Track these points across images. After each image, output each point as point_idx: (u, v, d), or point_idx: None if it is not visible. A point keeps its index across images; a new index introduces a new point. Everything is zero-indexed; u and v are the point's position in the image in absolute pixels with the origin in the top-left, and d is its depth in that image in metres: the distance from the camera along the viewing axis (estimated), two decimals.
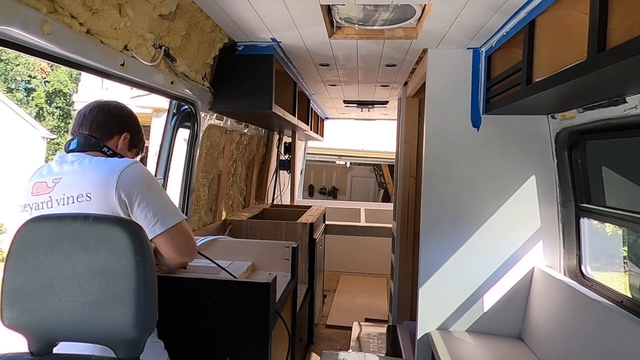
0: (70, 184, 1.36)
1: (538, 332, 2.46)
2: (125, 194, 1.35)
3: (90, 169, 1.38)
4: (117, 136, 1.55)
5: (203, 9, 2.09)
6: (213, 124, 2.84)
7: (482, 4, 1.96)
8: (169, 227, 1.41)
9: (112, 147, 1.54)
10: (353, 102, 5.05)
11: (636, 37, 1.20)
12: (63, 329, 0.95)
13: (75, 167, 1.40)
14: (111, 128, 1.54)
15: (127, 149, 1.59)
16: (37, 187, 1.41)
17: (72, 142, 1.49)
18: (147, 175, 1.45)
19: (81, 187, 1.35)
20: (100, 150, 1.50)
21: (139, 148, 1.65)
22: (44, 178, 1.42)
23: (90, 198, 1.33)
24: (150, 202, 1.39)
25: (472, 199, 2.69)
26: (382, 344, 3.75)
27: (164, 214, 1.41)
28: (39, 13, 1.23)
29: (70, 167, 1.40)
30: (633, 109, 1.79)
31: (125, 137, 1.57)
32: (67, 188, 1.36)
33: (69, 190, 1.35)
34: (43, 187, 1.39)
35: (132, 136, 1.59)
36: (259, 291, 1.79)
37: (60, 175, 1.39)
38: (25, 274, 0.95)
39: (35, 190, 1.40)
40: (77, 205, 1.33)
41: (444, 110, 2.73)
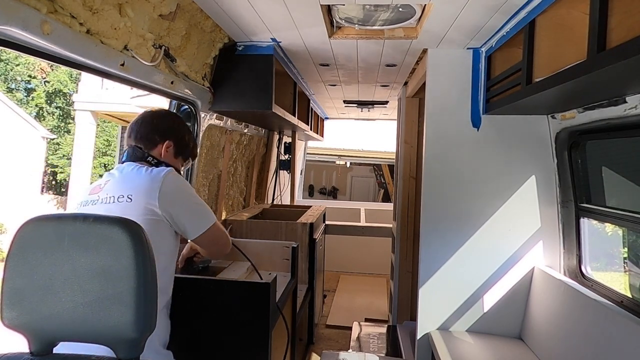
0: (114, 186, 1.53)
1: (538, 332, 2.46)
2: (168, 202, 1.50)
3: (134, 175, 1.54)
4: (160, 145, 1.66)
5: (203, 9, 2.09)
6: (213, 124, 2.84)
7: (482, 4, 1.96)
8: (207, 229, 1.60)
9: (157, 156, 1.65)
10: (353, 102, 5.05)
11: (636, 37, 1.20)
12: (63, 329, 0.95)
13: (122, 173, 1.57)
14: (153, 138, 1.66)
15: (173, 156, 1.70)
16: (94, 188, 1.58)
17: (124, 155, 1.65)
18: (184, 184, 1.62)
19: (123, 189, 1.50)
20: (145, 160, 1.62)
21: (185, 155, 1.77)
22: (100, 181, 1.60)
23: (131, 200, 1.48)
24: (190, 208, 1.59)
25: (472, 198, 2.69)
26: (382, 344, 3.75)
27: (202, 217, 1.61)
28: (39, 13, 1.22)
29: (119, 173, 1.58)
30: (633, 109, 1.79)
31: (168, 145, 1.67)
32: (111, 189, 1.52)
33: (112, 191, 1.51)
34: (97, 189, 1.57)
35: (175, 144, 1.69)
36: (259, 291, 1.79)
37: (110, 179, 1.57)
38: (25, 274, 0.95)
39: (91, 191, 1.57)
40: (117, 205, 1.47)
41: (444, 110, 2.73)
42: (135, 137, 1.66)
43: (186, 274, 1.95)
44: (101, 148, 17.01)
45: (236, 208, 3.97)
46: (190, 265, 2.01)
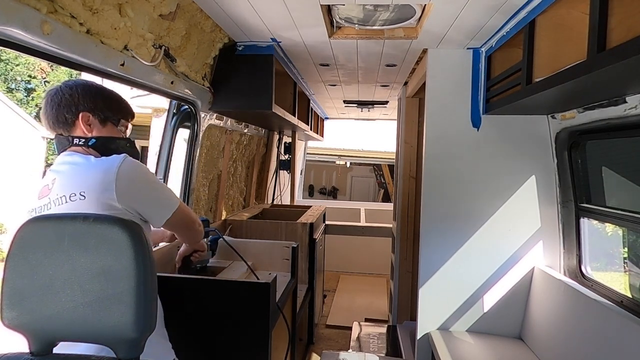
0: (63, 184, 1.34)
1: (538, 332, 2.46)
2: (128, 194, 1.33)
3: (83, 168, 1.35)
4: (77, 122, 1.41)
5: (203, 9, 2.09)
6: (213, 124, 2.84)
7: (482, 4, 1.96)
8: (172, 213, 1.48)
9: (81, 134, 1.41)
10: (353, 102, 5.05)
11: (636, 37, 1.20)
12: (63, 329, 0.95)
13: (67, 167, 1.37)
14: (64, 118, 1.40)
15: (101, 126, 1.44)
16: (42, 190, 1.38)
17: (55, 147, 1.47)
18: (140, 170, 1.41)
19: (73, 186, 1.31)
20: (72, 144, 1.41)
21: (116, 116, 1.48)
22: (46, 180, 1.39)
23: (84, 197, 1.30)
24: (151, 196, 1.45)
25: (472, 198, 2.69)
26: (382, 344, 3.75)
27: (165, 203, 1.49)
28: (39, 13, 1.23)
29: (63, 167, 1.38)
30: (633, 109, 1.79)
31: (84, 118, 1.41)
32: (60, 188, 1.33)
33: (62, 190, 1.32)
34: (45, 190, 1.37)
35: (92, 112, 1.42)
36: (259, 291, 1.79)
37: (55, 176, 1.37)
38: (25, 274, 0.95)
39: (40, 194, 1.37)
40: (71, 205, 1.30)
41: (444, 110, 2.73)
42: (51, 126, 1.42)
43: (185, 274, 1.94)
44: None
45: (236, 208, 3.97)
46: (187, 265, 2.00)
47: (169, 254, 2.21)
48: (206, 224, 2.13)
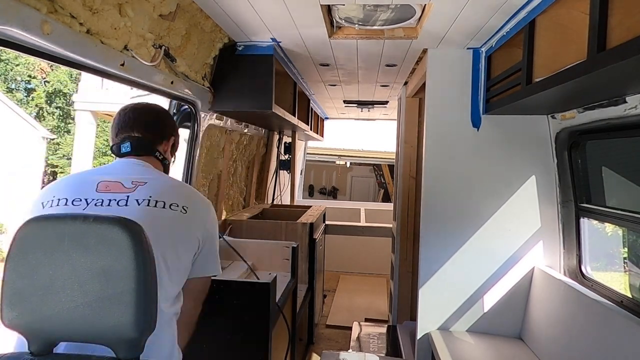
0: (159, 191, 1.33)
1: (538, 332, 2.46)
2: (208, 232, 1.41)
3: (180, 186, 1.48)
4: (167, 140, 1.54)
5: (203, 9, 2.09)
6: (213, 124, 2.84)
7: (482, 4, 1.96)
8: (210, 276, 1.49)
9: (162, 151, 1.52)
10: (353, 102, 5.05)
11: (636, 37, 1.20)
12: (63, 329, 0.95)
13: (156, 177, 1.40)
14: (165, 132, 1.53)
15: (170, 152, 1.59)
16: (106, 185, 1.32)
17: (124, 145, 1.44)
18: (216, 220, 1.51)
19: (176, 198, 1.34)
20: (153, 154, 1.48)
21: (175, 150, 1.65)
22: (115, 177, 1.34)
23: (185, 211, 1.33)
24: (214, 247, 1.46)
25: (472, 198, 2.69)
26: (382, 344, 3.75)
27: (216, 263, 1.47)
28: (39, 13, 1.22)
29: (150, 175, 1.39)
30: (633, 109, 1.79)
31: (171, 142, 1.57)
32: (154, 192, 1.31)
33: (159, 196, 1.31)
34: (117, 187, 1.31)
35: (176, 140, 1.60)
36: (259, 291, 1.79)
37: (145, 180, 1.35)
38: (25, 274, 0.95)
39: (102, 188, 1.31)
40: (172, 212, 1.31)
41: (444, 110, 2.73)
42: (145, 128, 1.47)
43: None
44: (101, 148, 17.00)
45: (236, 208, 3.97)
46: None
47: None
48: None
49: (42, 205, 1.29)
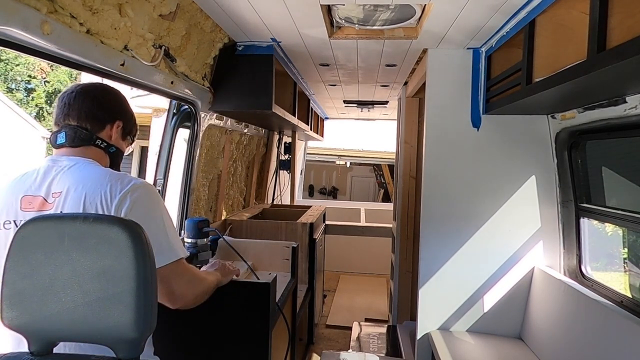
0: (69, 202, 1.20)
1: (538, 332, 2.46)
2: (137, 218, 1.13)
3: (92, 184, 1.22)
4: (110, 125, 1.38)
5: (203, 9, 2.09)
6: (213, 124, 2.84)
7: (482, 4, 1.96)
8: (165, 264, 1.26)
9: (106, 139, 1.37)
10: (353, 102, 5.05)
11: (636, 37, 1.20)
12: (63, 329, 0.95)
13: (74, 180, 1.23)
14: (102, 117, 1.36)
15: (120, 138, 1.43)
16: (29, 201, 1.21)
17: (60, 136, 1.31)
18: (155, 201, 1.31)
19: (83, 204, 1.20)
20: (94, 143, 1.34)
21: (132, 135, 1.50)
22: (39, 192, 1.23)
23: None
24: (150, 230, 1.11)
25: (472, 199, 2.69)
26: (382, 344, 3.75)
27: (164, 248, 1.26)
28: (39, 13, 1.23)
29: (68, 179, 1.24)
30: (633, 109, 1.79)
31: (118, 126, 1.40)
32: (67, 205, 1.20)
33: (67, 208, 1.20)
34: (39, 203, 1.21)
35: (124, 123, 1.43)
36: (259, 291, 1.79)
37: (59, 189, 1.22)
38: (25, 274, 0.95)
39: (26, 205, 1.21)
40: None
41: (444, 110, 2.73)
42: (79, 116, 1.32)
43: None
44: None
45: (236, 208, 3.97)
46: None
47: None
48: (206, 224, 2.13)
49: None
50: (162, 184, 2.50)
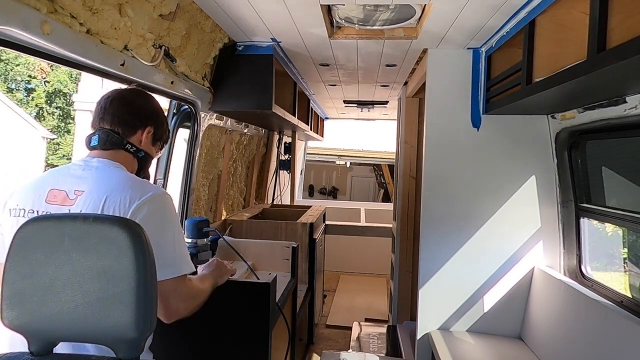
0: (90, 202, 1.24)
1: (538, 332, 2.46)
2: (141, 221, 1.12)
3: (114, 188, 1.26)
4: (141, 131, 1.44)
5: (203, 9, 2.09)
6: (213, 124, 2.84)
7: (482, 4, 1.96)
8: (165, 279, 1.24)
9: (136, 143, 1.43)
10: (353, 102, 5.05)
11: (636, 37, 1.20)
12: (63, 329, 0.95)
13: (98, 181, 1.28)
14: (134, 123, 1.42)
15: (150, 143, 1.48)
16: (55, 195, 1.27)
17: (93, 138, 1.38)
18: (169, 215, 1.32)
19: (102, 207, 1.23)
20: (123, 147, 1.39)
21: (162, 141, 1.54)
22: (66, 186, 1.27)
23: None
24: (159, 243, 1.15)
25: (472, 199, 2.69)
26: (382, 344, 3.75)
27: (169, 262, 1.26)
28: (39, 13, 1.23)
29: (93, 180, 1.28)
30: (633, 109, 1.79)
31: (148, 131, 1.45)
32: (87, 204, 1.24)
33: (88, 207, 1.23)
34: (62, 198, 1.26)
35: (155, 129, 1.47)
36: (259, 291, 1.79)
37: (83, 189, 1.27)
38: (25, 274, 0.95)
39: (51, 198, 1.26)
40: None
41: (444, 110, 2.73)
42: (112, 121, 1.38)
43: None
44: None
45: (236, 208, 3.97)
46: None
47: None
48: (206, 224, 2.13)
49: (9, 212, 1.28)
50: (162, 184, 2.50)
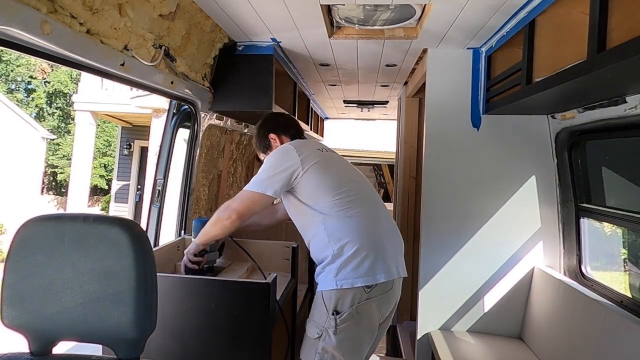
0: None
1: (538, 332, 2.46)
2: None
3: None
4: (273, 143, 2.10)
5: (203, 9, 2.09)
6: (213, 124, 2.84)
7: (482, 4, 1.96)
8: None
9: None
10: (353, 102, 5.05)
11: (636, 37, 1.20)
12: (63, 329, 0.95)
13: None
14: (265, 145, 2.13)
15: (280, 143, 2.08)
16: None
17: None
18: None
19: None
20: None
21: (290, 134, 2.13)
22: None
23: None
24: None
25: (472, 199, 2.69)
26: (382, 344, 3.75)
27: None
28: (39, 13, 1.22)
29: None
30: (633, 109, 1.79)
31: (274, 139, 2.10)
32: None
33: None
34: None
35: (279, 134, 2.11)
36: (260, 291, 1.79)
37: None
38: (25, 274, 0.95)
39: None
40: None
41: (444, 110, 2.73)
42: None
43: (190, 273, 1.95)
44: (101, 148, 17.00)
45: None
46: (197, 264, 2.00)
47: (169, 253, 2.21)
48: None
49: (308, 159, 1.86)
50: (162, 184, 2.50)
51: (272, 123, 2.15)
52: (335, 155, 2.04)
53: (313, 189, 1.82)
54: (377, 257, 1.73)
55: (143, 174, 12.25)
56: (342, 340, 1.63)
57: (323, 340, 1.67)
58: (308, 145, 1.97)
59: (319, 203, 1.81)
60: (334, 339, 1.63)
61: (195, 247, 1.95)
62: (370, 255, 1.71)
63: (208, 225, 1.88)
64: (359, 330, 1.66)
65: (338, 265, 1.71)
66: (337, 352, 1.64)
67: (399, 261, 1.84)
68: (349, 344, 1.65)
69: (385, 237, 1.81)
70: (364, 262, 1.70)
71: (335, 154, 2.06)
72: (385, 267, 1.72)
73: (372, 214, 1.83)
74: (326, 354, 1.65)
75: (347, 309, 1.63)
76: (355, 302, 1.63)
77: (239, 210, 1.81)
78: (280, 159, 1.87)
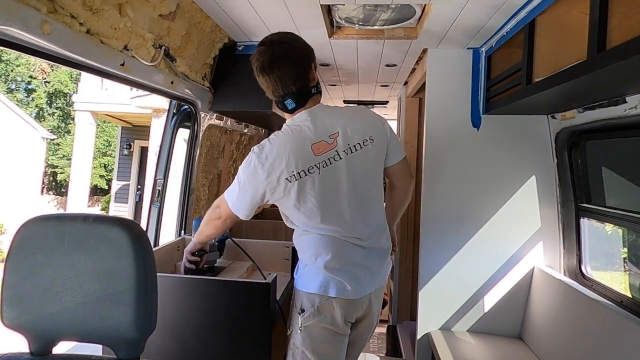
0: (351, 135, 1.55)
1: (538, 332, 2.46)
2: (387, 135, 1.65)
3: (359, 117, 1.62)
4: (312, 72, 1.61)
5: (203, 9, 2.09)
6: (213, 124, 2.84)
7: (482, 4, 1.96)
8: (402, 158, 1.73)
9: (314, 83, 1.61)
10: (353, 102, 5.05)
11: (636, 37, 1.20)
12: (63, 329, 0.95)
13: (338, 120, 1.57)
14: (307, 72, 1.59)
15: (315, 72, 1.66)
16: (318, 147, 1.53)
17: (287, 102, 1.60)
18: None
19: (362, 133, 1.56)
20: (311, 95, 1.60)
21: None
22: (318, 138, 1.53)
23: (373, 140, 1.58)
24: (395, 141, 1.70)
25: (472, 199, 2.69)
26: (382, 344, 3.75)
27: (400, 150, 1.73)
28: (39, 13, 1.23)
29: (334, 121, 1.57)
30: (633, 109, 1.79)
31: (314, 66, 1.62)
32: (349, 139, 1.54)
33: (353, 140, 1.55)
34: (324, 146, 1.53)
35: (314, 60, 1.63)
36: (260, 291, 1.79)
37: (335, 130, 1.55)
38: (25, 274, 0.95)
39: (317, 151, 1.52)
40: (363, 150, 1.56)
41: (444, 110, 2.73)
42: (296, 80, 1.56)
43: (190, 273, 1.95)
44: (101, 148, 17.00)
45: None
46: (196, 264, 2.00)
47: (169, 253, 2.21)
48: None
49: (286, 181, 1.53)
50: (162, 184, 2.50)
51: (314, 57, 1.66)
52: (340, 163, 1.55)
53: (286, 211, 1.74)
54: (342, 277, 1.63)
55: (143, 174, 12.25)
56: (306, 337, 1.65)
57: (292, 337, 1.71)
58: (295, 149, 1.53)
59: (296, 219, 1.76)
60: (299, 335, 1.66)
61: (192, 246, 1.95)
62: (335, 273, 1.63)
63: (202, 224, 1.88)
64: (321, 329, 1.65)
65: (303, 267, 1.72)
66: (305, 348, 1.67)
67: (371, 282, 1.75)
68: (312, 342, 1.66)
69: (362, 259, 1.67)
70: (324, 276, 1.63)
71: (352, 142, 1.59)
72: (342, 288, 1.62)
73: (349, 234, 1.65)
74: (296, 349, 1.69)
75: (310, 308, 1.65)
76: (316, 302, 1.62)
77: (227, 212, 1.75)
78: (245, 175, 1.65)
